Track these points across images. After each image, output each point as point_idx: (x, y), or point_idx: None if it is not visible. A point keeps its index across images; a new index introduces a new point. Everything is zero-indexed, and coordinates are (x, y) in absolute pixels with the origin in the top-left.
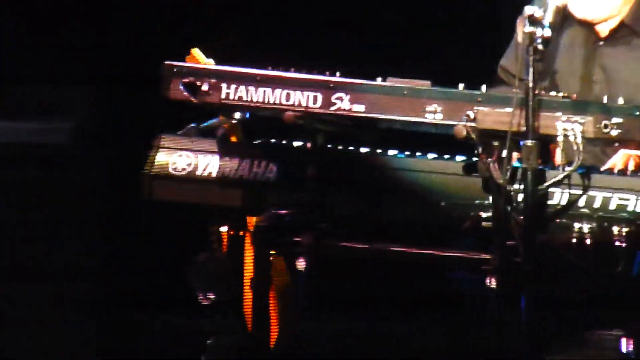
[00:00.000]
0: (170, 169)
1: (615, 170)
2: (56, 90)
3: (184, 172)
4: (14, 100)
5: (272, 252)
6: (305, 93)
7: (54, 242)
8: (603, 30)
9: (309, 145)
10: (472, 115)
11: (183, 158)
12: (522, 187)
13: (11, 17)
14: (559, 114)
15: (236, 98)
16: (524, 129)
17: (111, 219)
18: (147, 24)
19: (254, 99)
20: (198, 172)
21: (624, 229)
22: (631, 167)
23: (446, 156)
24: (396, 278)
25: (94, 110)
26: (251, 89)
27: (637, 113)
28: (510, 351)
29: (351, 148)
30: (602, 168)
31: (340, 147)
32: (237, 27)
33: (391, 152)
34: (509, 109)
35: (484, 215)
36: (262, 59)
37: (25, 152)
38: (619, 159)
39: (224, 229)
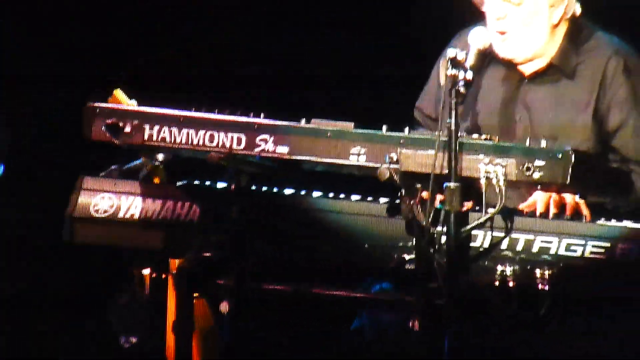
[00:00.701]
0: (92, 211)
1: (538, 213)
2: None
3: (106, 214)
4: None
5: (195, 294)
6: (230, 134)
7: None
8: (527, 69)
9: (232, 186)
10: (395, 157)
11: (105, 200)
12: (445, 229)
13: None
14: (481, 156)
15: (159, 139)
16: (446, 171)
17: (33, 260)
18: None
19: (177, 140)
20: (120, 214)
21: (547, 272)
22: (552, 209)
23: (370, 198)
24: (320, 319)
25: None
26: (174, 130)
27: (560, 156)
28: None
29: (275, 190)
30: (520, 206)
31: (264, 189)
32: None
33: (315, 194)
34: (432, 152)
35: (407, 257)
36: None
37: None
38: (539, 200)
39: (146, 271)
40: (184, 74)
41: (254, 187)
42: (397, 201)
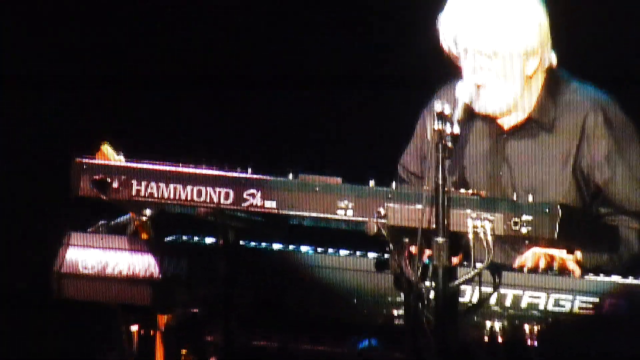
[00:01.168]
0: (80, 267)
1: (526, 269)
2: None
3: (93, 270)
4: None
5: (183, 351)
6: (217, 189)
7: None
8: (506, 123)
9: (220, 242)
10: (383, 212)
11: (93, 256)
12: (433, 284)
13: None
14: (468, 211)
15: (147, 195)
16: (434, 226)
17: (19, 317)
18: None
19: (165, 196)
20: (108, 270)
21: (536, 327)
22: (542, 265)
23: (358, 253)
24: None
25: None
26: (162, 185)
27: (547, 210)
28: None
29: (263, 245)
30: (514, 265)
31: (252, 244)
32: None
33: (303, 249)
34: (420, 206)
35: (395, 312)
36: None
37: None
38: (529, 257)
39: (134, 328)
40: (171, 125)
41: (241, 243)
42: (386, 256)
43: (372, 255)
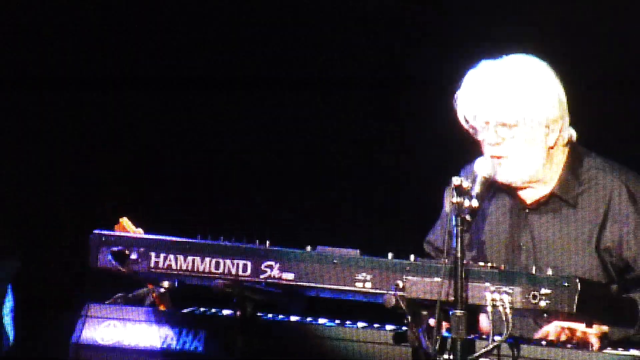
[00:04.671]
0: (98, 339)
1: (544, 342)
2: None
3: (111, 342)
4: None
5: None
6: (235, 261)
7: None
8: (528, 198)
9: (238, 314)
10: (401, 285)
11: (111, 328)
12: (451, 357)
13: None
14: (487, 284)
15: (165, 267)
16: (452, 298)
17: None
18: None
19: (183, 268)
20: (126, 342)
21: None
22: (562, 338)
23: (376, 325)
24: None
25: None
26: (180, 257)
27: (566, 284)
28: None
29: (281, 317)
30: (535, 337)
31: (269, 316)
32: None
33: (321, 321)
34: (438, 279)
35: None
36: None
37: None
38: (551, 331)
39: None
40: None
41: (259, 315)
42: (404, 328)
43: (390, 327)
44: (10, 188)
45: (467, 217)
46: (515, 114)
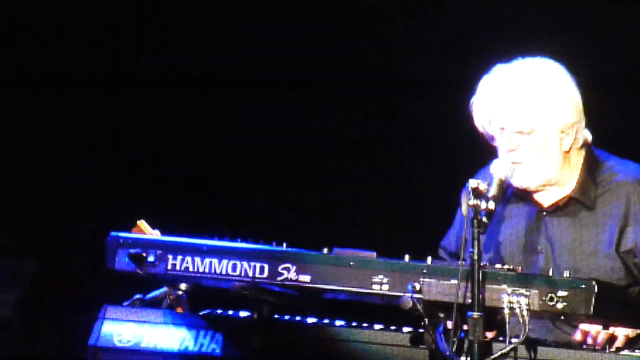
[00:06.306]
0: (115, 341)
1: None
2: None
3: (129, 344)
4: None
5: None
6: (252, 263)
7: None
8: (546, 201)
9: (255, 316)
10: (418, 287)
11: (128, 330)
12: (468, 359)
13: None
14: (504, 286)
15: (182, 269)
16: (469, 301)
17: None
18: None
19: (200, 270)
20: (143, 344)
21: None
22: (600, 340)
23: (393, 327)
24: None
25: (36, 282)
26: (197, 259)
27: (583, 286)
28: None
29: (298, 319)
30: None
31: (286, 318)
32: None
33: (338, 323)
34: (455, 281)
35: None
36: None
37: None
38: (579, 332)
39: None
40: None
41: (276, 317)
42: (421, 331)
43: (406, 330)
44: (21, 189)
45: (484, 219)
46: (530, 121)
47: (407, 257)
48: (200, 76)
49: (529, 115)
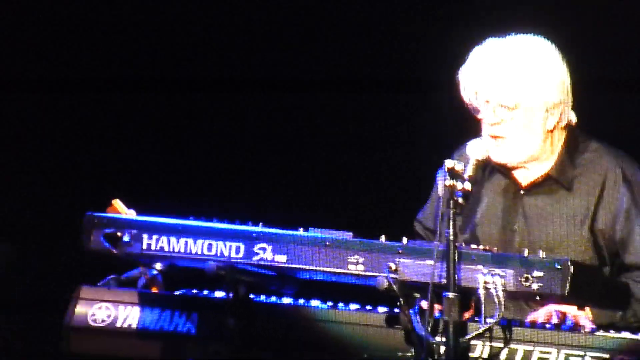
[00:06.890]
0: (89, 321)
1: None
2: None
3: (103, 324)
4: None
5: None
6: (228, 243)
7: None
8: (523, 179)
9: (230, 296)
10: (393, 267)
11: (103, 310)
12: (444, 339)
13: None
14: (479, 266)
15: (157, 249)
16: (445, 281)
17: None
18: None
19: (176, 250)
20: (118, 324)
21: None
22: (554, 321)
23: (368, 307)
24: None
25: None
26: (173, 239)
27: (558, 267)
28: None
29: (273, 299)
30: (526, 320)
31: (262, 298)
32: None
33: (313, 303)
34: (430, 261)
35: None
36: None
37: None
38: (542, 314)
39: None
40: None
41: (252, 297)
42: (396, 311)
43: (382, 310)
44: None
45: (460, 200)
46: (515, 97)
47: (383, 238)
48: (198, 75)
49: (515, 90)
